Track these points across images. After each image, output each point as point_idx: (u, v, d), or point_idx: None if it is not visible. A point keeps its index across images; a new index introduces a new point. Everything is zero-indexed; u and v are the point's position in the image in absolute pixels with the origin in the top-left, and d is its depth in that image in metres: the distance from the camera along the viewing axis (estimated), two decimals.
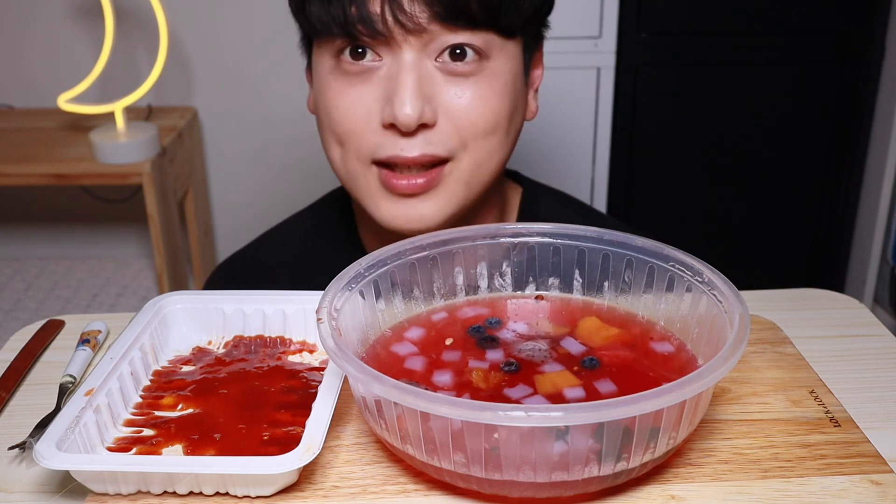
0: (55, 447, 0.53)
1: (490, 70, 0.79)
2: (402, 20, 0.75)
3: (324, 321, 0.57)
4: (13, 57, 2.26)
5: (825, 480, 0.55)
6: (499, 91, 0.80)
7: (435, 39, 0.77)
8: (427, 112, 0.77)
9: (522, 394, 0.58)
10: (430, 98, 0.78)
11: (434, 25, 0.76)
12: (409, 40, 0.76)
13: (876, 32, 2.14)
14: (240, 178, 2.40)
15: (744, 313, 0.57)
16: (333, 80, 0.81)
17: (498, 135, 0.81)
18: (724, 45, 2.14)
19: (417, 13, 0.75)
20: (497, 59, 0.79)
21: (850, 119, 2.22)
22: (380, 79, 0.78)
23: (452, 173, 0.81)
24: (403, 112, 0.76)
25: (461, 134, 0.79)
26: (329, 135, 0.83)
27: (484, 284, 0.71)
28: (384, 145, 0.79)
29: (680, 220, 2.32)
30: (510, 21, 0.79)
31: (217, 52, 2.27)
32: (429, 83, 0.78)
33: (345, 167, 0.83)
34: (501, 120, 0.81)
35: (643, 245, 0.67)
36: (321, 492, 0.55)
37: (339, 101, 0.80)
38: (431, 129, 0.78)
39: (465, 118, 0.79)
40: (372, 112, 0.79)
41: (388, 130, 0.79)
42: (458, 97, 0.78)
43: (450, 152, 0.80)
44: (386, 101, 0.78)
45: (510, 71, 0.81)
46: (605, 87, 2.12)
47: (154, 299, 0.70)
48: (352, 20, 0.76)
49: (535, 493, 0.53)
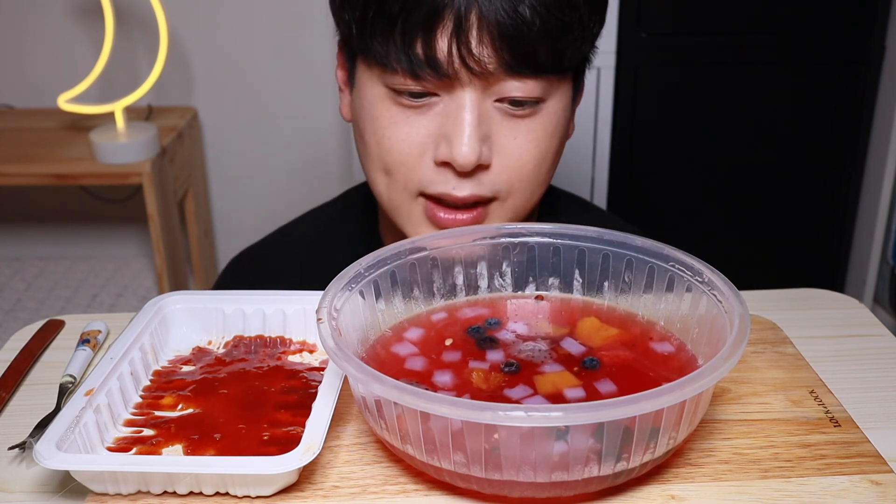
0: (55, 447, 0.53)
1: (545, 111, 0.78)
2: (470, 64, 0.73)
3: (324, 321, 0.57)
4: (13, 57, 2.26)
5: (825, 480, 0.55)
6: (551, 133, 0.79)
7: (498, 83, 0.75)
8: (484, 153, 0.76)
9: (522, 394, 0.58)
10: (486, 138, 0.76)
11: (500, 71, 0.74)
12: (473, 82, 0.74)
13: (876, 33, 2.14)
14: (240, 178, 2.40)
15: (744, 313, 0.57)
16: (385, 110, 0.78)
17: (542, 174, 0.81)
18: (724, 45, 2.14)
19: (486, 58, 0.73)
20: (552, 99, 0.78)
21: (850, 119, 2.22)
22: (437, 114, 0.76)
23: (497, 211, 0.80)
24: (462, 153, 0.74)
25: (510, 175, 0.78)
26: (375, 162, 0.81)
27: (484, 284, 0.71)
28: (436, 182, 0.78)
29: (680, 220, 2.32)
30: (572, 62, 0.78)
31: (217, 52, 2.27)
32: (487, 123, 0.76)
33: (388, 196, 0.82)
34: (548, 159, 0.80)
35: (643, 245, 0.67)
36: (321, 492, 0.55)
37: (391, 131, 0.78)
38: (486, 170, 0.77)
39: (516, 159, 0.78)
40: (426, 147, 0.77)
41: (440, 167, 0.77)
42: (513, 138, 0.77)
43: (496, 193, 0.79)
44: (442, 139, 0.76)
45: (563, 109, 0.80)
46: (605, 87, 2.12)
47: (154, 299, 0.70)
48: (419, 62, 0.73)
49: (535, 493, 0.53)
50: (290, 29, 2.24)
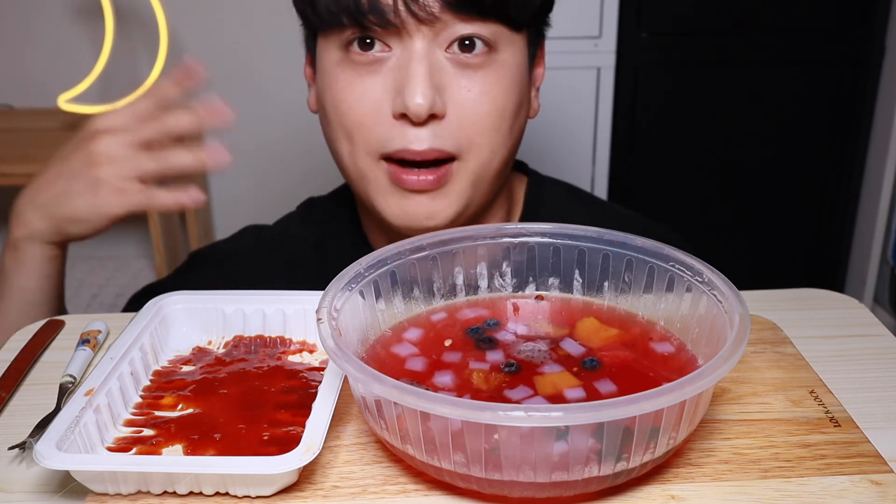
0: (55, 447, 0.53)
1: (498, 63, 0.80)
2: (415, 10, 0.75)
3: (324, 321, 0.57)
4: (13, 57, 2.26)
5: (825, 480, 0.55)
6: (506, 86, 0.80)
7: (446, 29, 0.77)
8: (438, 103, 0.77)
9: (523, 395, 0.58)
10: (440, 89, 0.78)
11: (445, 15, 0.76)
12: (421, 30, 0.76)
13: (876, 33, 2.14)
14: (240, 177, 2.40)
15: (744, 313, 0.57)
16: (341, 72, 0.80)
17: (502, 131, 0.82)
18: (724, 45, 2.15)
19: (430, 3, 0.75)
20: (505, 52, 0.80)
21: (850, 119, 2.22)
22: (389, 69, 0.78)
23: (460, 172, 0.81)
24: (415, 101, 0.76)
25: (467, 129, 0.79)
26: (337, 130, 0.83)
27: (484, 284, 0.71)
28: (393, 138, 0.79)
29: (680, 220, 2.32)
30: (519, 13, 0.80)
31: (217, 52, 2.27)
32: (439, 73, 0.78)
33: (353, 163, 0.83)
34: (507, 115, 0.81)
35: (643, 245, 0.67)
36: (321, 492, 0.55)
37: (347, 92, 0.80)
38: (440, 122, 0.79)
39: (472, 112, 0.79)
40: (382, 103, 0.79)
41: (398, 121, 0.79)
42: (468, 90, 0.79)
43: (457, 149, 0.80)
44: (397, 92, 0.78)
45: (517, 65, 0.82)
46: (605, 86, 2.12)
47: (154, 299, 0.70)
48: (363, 10, 0.76)
49: (535, 493, 0.53)
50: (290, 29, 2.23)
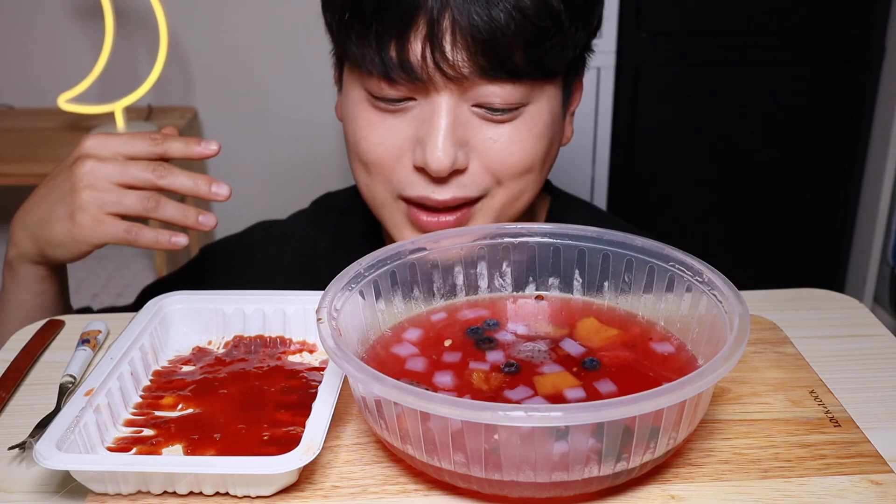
0: (55, 447, 0.53)
1: (528, 114, 0.76)
2: (444, 68, 0.72)
3: (324, 321, 0.57)
4: (13, 57, 2.27)
5: (825, 480, 0.55)
6: (536, 134, 0.77)
7: (474, 88, 0.74)
8: (460, 158, 0.75)
9: (523, 395, 0.58)
10: (463, 142, 0.75)
11: (475, 77, 0.73)
12: (448, 86, 0.73)
13: (876, 33, 2.14)
14: (240, 178, 2.40)
15: (744, 313, 0.57)
16: (364, 111, 0.78)
17: (533, 174, 0.79)
18: (724, 45, 2.15)
19: (460, 63, 0.72)
20: (536, 103, 0.77)
21: (850, 119, 2.22)
22: (413, 117, 0.76)
23: (483, 209, 0.79)
24: (435, 158, 0.73)
25: (494, 175, 0.77)
26: (357, 162, 0.81)
27: (484, 284, 0.71)
28: (414, 185, 0.77)
29: (680, 220, 2.32)
30: (553, 67, 0.76)
31: (217, 52, 2.27)
32: (463, 128, 0.75)
33: (371, 194, 0.81)
34: (536, 161, 0.78)
35: (643, 245, 0.67)
36: (321, 492, 0.55)
37: (368, 133, 0.77)
38: (463, 173, 0.77)
39: (498, 161, 0.76)
40: (403, 150, 0.77)
41: (418, 172, 0.77)
42: (493, 141, 0.76)
43: (481, 192, 0.78)
44: (418, 143, 0.75)
45: (549, 112, 0.78)
46: (605, 87, 2.12)
47: (154, 299, 0.70)
48: (391, 65, 0.73)
49: (535, 493, 0.53)
50: (290, 29, 2.24)
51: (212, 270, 0.97)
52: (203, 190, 0.76)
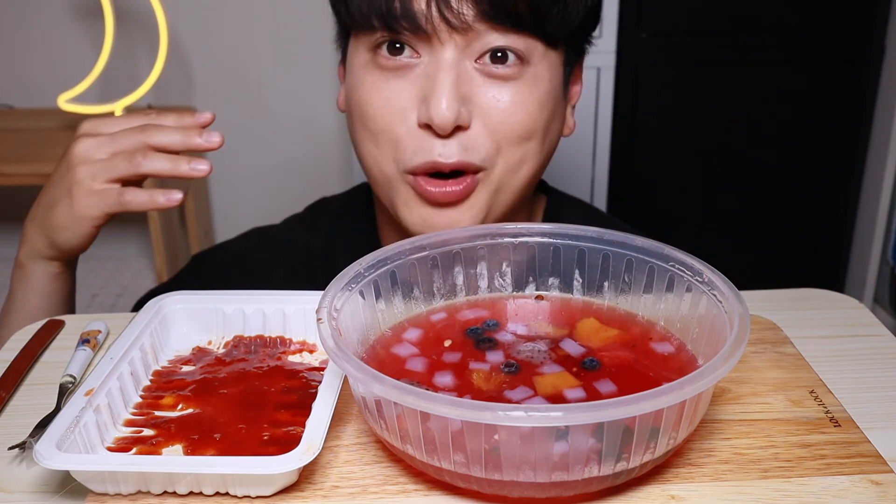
0: (55, 447, 0.53)
1: (531, 75, 0.77)
2: (448, 17, 0.73)
3: (324, 321, 0.57)
4: (13, 57, 2.27)
5: (825, 480, 0.55)
6: (538, 98, 0.78)
7: (478, 39, 0.75)
8: (463, 113, 0.75)
9: (523, 395, 0.58)
10: (466, 99, 0.76)
11: (479, 24, 0.74)
12: (453, 38, 0.75)
13: (876, 32, 2.14)
14: (240, 178, 2.40)
15: (744, 313, 0.57)
16: (368, 75, 0.78)
17: (533, 142, 0.79)
18: (724, 45, 2.15)
19: (464, 10, 0.73)
20: (538, 66, 0.78)
21: (850, 119, 2.22)
22: (416, 76, 0.77)
23: (485, 181, 0.79)
24: (439, 112, 0.74)
25: (496, 138, 0.78)
26: (363, 132, 0.81)
27: (484, 284, 0.71)
28: (421, 150, 0.77)
29: (680, 220, 2.32)
30: (555, 29, 0.77)
31: (217, 52, 2.27)
32: (467, 84, 0.76)
33: (378, 168, 0.81)
34: (538, 128, 0.79)
35: (643, 245, 0.67)
36: (321, 492, 0.55)
37: (373, 96, 0.78)
38: (467, 132, 0.77)
39: (501, 122, 0.77)
40: (407, 110, 0.77)
41: (423, 131, 0.77)
42: (497, 100, 0.77)
43: (485, 160, 0.78)
44: (422, 101, 0.76)
45: (550, 80, 0.79)
46: (605, 87, 2.12)
47: (154, 299, 0.70)
48: (395, 14, 0.74)
49: (535, 493, 0.53)
50: (290, 29, 2.24)
51: (206, 277, 0.97)
52: (195, 141, 0.79)
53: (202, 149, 0.80)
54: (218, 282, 0.95)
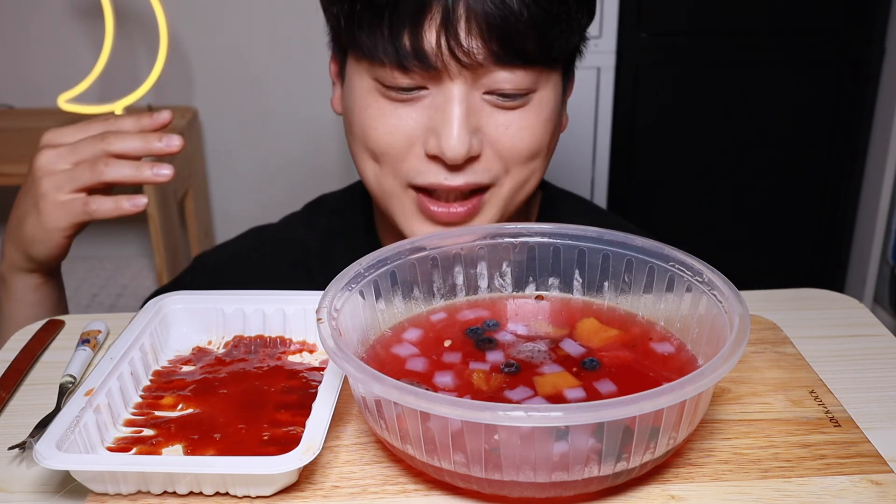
0: (55, 447, 0.53)
1: (536, 101, 0.78)
2: (459, 56, 0.72)
3: (324, 321, 0.57)
4: (13, 57, 2.26)
5: (825, 480, 0.55)
6: (544, 120, 0.79)
7: (487, 76, 0.75)
8: (474, 145, 0.76)
9: (523, 395, 0.58)
10: (476, 130, 0.76)
11: (489, 63, 0.74)
12: (462, 74, 0.74)
13: (876, 33, 2.14)
14: (240, 178, 2.40)
15: (744, 313, 0.57)
16: (373, 101, 0.77)
17: (538, 160, 0.81)
18: (724, 45, 2.15)
19: (475, 50, 0.72)
20: (543, 90, 0.78)
21: (850, 119, 2.22)
22: (425, 106, 0.76)
23: (491, 199, 0.80)
24: (451, 147, 0.74)
25: (504, 161, 0.78)
26: (363, 151, 0.80)
27: (484, 284, 0.71)
28: (426, 173, 0.77)
29: (680, 220, 2.32)
30: (559, 52, 0.78)
31: (217, 52, 2.27)
32: (476, 115, 0.76)
33: (378, 184, 0.81)
34: (543, 147, 0.80)
35: (643, 245, 0.67)
36: (321, 492, 0.55)
37: (379, 122, 0.77)
38: (477, 160, 0.77)
39: (510, 147, 0.78)
40: (415, 139, 0.77)
41: (430, 161, 0.77)
42: (505, 127, 0.77)
43: (492, 180, 0.79)
44: (431, 132, 0.76)
45: (554, 98, 0.80)
46: (605, 87, 2.12)
47: (154, 299, 0.70)
48: (405, 54, 0.73)
49: (535, 493, 0.53)
50: (290, 28, 2.24)
51: (206, 279, 0.97)
52: (155, 146, 0.79)
53: (163, 153, 0.79)
54: (218, 282, 0.95)
